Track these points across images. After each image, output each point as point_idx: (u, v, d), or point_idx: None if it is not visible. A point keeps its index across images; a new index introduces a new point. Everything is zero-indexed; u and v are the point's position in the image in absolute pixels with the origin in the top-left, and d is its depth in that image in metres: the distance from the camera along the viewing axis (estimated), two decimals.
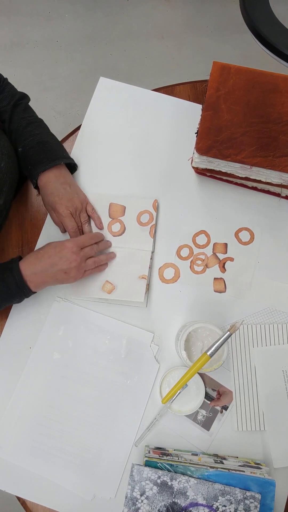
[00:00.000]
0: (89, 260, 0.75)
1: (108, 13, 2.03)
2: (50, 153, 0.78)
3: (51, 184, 0.77)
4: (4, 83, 0.81)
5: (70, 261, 0.71)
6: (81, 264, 0.72)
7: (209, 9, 2.05)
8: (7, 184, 0.74)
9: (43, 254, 0.72)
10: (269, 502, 0.65)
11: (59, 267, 0.70)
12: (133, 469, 0.67)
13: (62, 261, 0.71)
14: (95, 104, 0.91)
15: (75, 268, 0.71)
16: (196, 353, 0.72)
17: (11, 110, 0.79)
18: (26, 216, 0.85)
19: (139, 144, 0.88)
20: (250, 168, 0.74)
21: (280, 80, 0.74)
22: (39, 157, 0.77)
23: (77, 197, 0.80)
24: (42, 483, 0.72)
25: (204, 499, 0.65)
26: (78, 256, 0.72)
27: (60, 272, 0.71)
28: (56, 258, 0.71)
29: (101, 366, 0.76)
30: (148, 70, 1.96)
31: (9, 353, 0.77)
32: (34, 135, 0.78)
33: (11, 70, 1.92)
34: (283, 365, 0.75)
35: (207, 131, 0.73)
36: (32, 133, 0.78)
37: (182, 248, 0.82)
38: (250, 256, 0.81)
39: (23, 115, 0.80)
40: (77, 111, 1.87)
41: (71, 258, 0.71)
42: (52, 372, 0.76)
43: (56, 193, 0.77)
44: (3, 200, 0.74)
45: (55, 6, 2.03)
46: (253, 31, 0.98)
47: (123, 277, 0.79)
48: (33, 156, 0.77)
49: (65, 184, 0.78)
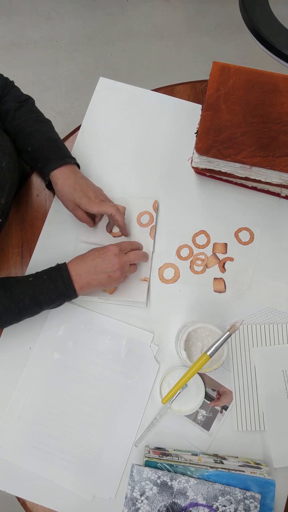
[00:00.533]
0: (132, 266, 0.75)
1: (108, 13, 2.03)
2: (60, 150, 0.78)
3: (70, 180, 0.76)
4: (9, 86, 0.81)
5: (113, 263, 0.71)
6: (124, 267, 0.72)
7: (209, 9, 2.05)
8: (9, 183, 0.74)
9: (88, 256, 0.72)
10: (269, 502, 0.65)
11: (103, 269, 0.71)
12: (133, 469, 0.67)
13: (106, 263, 0.71)
14: (95, 104, 0.91)
15: (118, 271, 0.71)
16: (196, 353, 0.72)
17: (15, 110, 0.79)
18: (26, 216, 0.85)
19: (139, 144, 0.88)
20: (250, 168, 0.74)
21: (280, 80, 0.74)
22: (49, 155, 0.76)
23: (99, 189, 0.79)
24: (42, 483, 0.72)
25: (204, 499, 0.65)
26: (121, 259, 0.72)
27: (104, 275, 0.71)
28: (99, 260, 0.71)
29: (101, 366, 0.76)
30: (148, 70, 1.96)
31: (9, 353, 0.77)
32: (43, 133, 0.78)
33: (11, 70, 1.92)
34: (283, 365, 0.75)
35: (207, 131, 0.73)
36: (40, 131, 0.78)
37: (182, 248, 0.82)
38: (250, 256, 0.81)
39: (30, 115, 0.79)
40: (77, 111, 1.87)
41: (113, 260, 0.71)
42: (52, 372, 0.76)
43: (79, 187, 0.75)
44: (5, 199, 0.74)
45: (55, 6, 2.03)
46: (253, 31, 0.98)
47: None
48: (44, 153, 0.76)
49: (85, 178, 0.78)
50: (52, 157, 0.76)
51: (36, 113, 0.81)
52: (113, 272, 0.71)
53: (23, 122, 0.78)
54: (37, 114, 0.81)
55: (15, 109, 0.79)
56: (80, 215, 0.78)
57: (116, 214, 0.75)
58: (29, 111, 0.80)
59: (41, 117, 0.81)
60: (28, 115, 0.79)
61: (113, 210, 0.75)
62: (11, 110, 0.79)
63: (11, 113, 0.79)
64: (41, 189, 0.86)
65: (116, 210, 0.75)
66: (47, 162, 0.76)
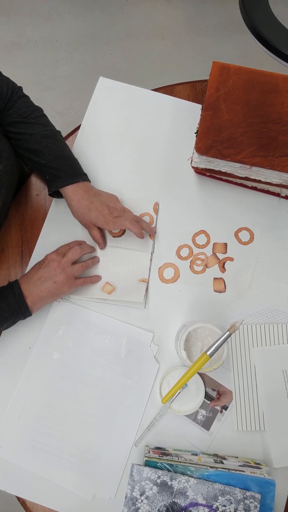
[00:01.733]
0: (76, 265, 0.75)
1: (108, 13, 2.03)
2: (70, 167, 0.77)
3: (84, 200, 0.75)
4: (17, 95, 0.77)
5: (53, 268, 0.72)
6: (65, 269, 0.73)
7: (209, 9, 2.05)
8: (5, 186, 0.74)
9: (31, 270, 0.74)
10: (269, 502, 0.65)
11: (46, 277, 0.72)
12: (133, 469, 0.67)
13: (47, 271, 0.72)
14: (94, 104, 0.91)
15: (61, 274, 0.72)
16: (196, 353, 0.72)
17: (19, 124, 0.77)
18: (25, 216, 0.85)
19: (139, 144, 0.88)
20: (250, 168, 0.74)
21: (280, 80, 0.74)
22: (59, 173, 0.76)
23: (113, 201, 0.79)
24: (42, 483, 0.72)
25: (204, 499, 0.65)
26: (60, 262, 0.73)
27: (49, 282, 0.71)
28: (41, 270, 0.72)
29: (101, 366, 0.76)
30: (147, 70, 1.96)
31: (9, 353, 0.77)
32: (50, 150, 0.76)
33: (11, 70, 1.92)
34: (283, 365, 0.75)
35: (206, 131, 0.73)
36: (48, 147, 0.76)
37: (182, 248, 0.82)
38: (250, 256, 0.81)
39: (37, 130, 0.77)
40: (77, 111, 1.87)
41: (53, 265, 0.72)
42: (52, 372, 0.76)
43: (93, 206, 0.75)
44: (1, 202, 0.74)
45: (55, 6, 2.03)
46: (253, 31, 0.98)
47: (123, 279, 0.79)
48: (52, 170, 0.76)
49: (97, 195, 0.77)
50: (61, 175, 0.76)
51: (44, 127, 0.78)
52: (56, 276, 0.72)
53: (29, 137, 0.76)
54: (45, 128, 0.78)
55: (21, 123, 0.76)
56: (94, 234, 0.79)
57: (132, 227, 0.75)
58: (36, 126, 0.77)
59: (49, 131, 0.78)
60: (34, 130, 0.77)
61: (129, 224, 0.75)
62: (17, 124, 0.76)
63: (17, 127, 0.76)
64: (41, 189, 0.86)
65: (131, 223, 0.75)
66: (56, 178, 0.76)
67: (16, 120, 0.77)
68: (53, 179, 0.76)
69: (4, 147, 0.74)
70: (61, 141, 0.80)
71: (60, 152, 0.77)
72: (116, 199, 0.80)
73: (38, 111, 0.80)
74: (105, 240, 0.81)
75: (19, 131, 0.77)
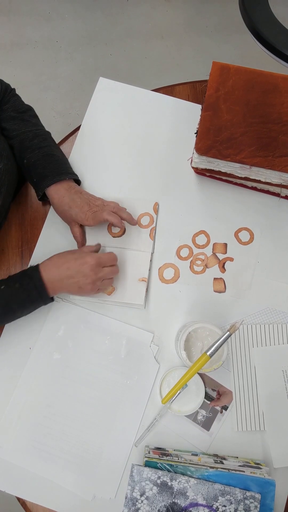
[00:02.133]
0: (106, 281, 0.74)
1: (108, 13, 2.03)
2: (57, 166, 0.77)
3: (65, 198, 0.76)
4: (10, 94, 0.80)
5: (86, 277, 0.69)
6: (96, 282, 0.71)
7: (209, 9, 2.05)
8: (5, 185, 0.74)
9: (63, 263, 0.70)
10: (269, 502, 0.65)
11: (75, 281, 0.69)
12: (133, 470, 0.67)
13: (79, 276, 0.69)
14: (94, 104, 0.91)
15: (90, 285, 0.70)
16: (196, 353, 0.72)
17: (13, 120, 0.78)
18: (25, 216, 0.85)
19: (139, 145, 0.88)
20: (250, 168, 0.74)
21: (279, 80, 0.74)
22: (45, 171, 0.76)
23: (93, 199, 0.79)
24: (42, 483, 0.72)
25: (204, 499, 0.65)
26: (96, 275, 0.70)
27: (75, 286, 0.70)
28: (74, 271, 0.69)
29: (101, 366, 0.76)
30: (148, 70, 1.96)
31: (9, 353, 0.77)
32: (40, 148, 0.77)
33: (11, 70, 1.92)
34: (283, 365, 0.75)
35: (206, 131, 0.73)
36: (38, 145, 0.77)
37: (182, 248, 0.82)
38: (249, 256, 0.81)
39: (29, 128, 0.79)
40: (77, 111, 1.87)
41: (88, 274, 0.69)
42: (52, 372, 0.76)
43: (74, 204, 0.76)
44: (1, 201, 0.74)
45: (55, 6, 2.03)
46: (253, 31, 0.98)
47: (123, 279, 0.79)
48: (39, 169, 0.76)
49: (78, 193, 0.77)
50: (47, 173, 0.76)
51: (35, 126, 0.80)
52: (85, 285, 0.70)
53: (21, 134, 0.78)
54: (36, 127, 0.80)
55: (14, 119, 0.78)
56: (75, 231, 0.79)
57: (109, 217, 0.74)
58: (28, 123, 0.79)
59: (41, 130, 0.81)
60: (26, 128, 0.78)
61: (106, 215, 0.74)
62: (10, 119, 0.78)
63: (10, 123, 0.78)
64: None
65: (108, 214, 0.74)
66: (42, 178, 0.76)
67: (12, 115, 0.78)
68: (39, 179, 0.76)
69: (4, 146, 0.74)
70: (52, 141, 0.81)
71: (49, 151, 0.78)
72: (97, 198, 0.80)
73: (31, 110, 0.82)
74: (85, 238, 0.81)
75: (13, 128, 0.78)
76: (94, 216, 0.75)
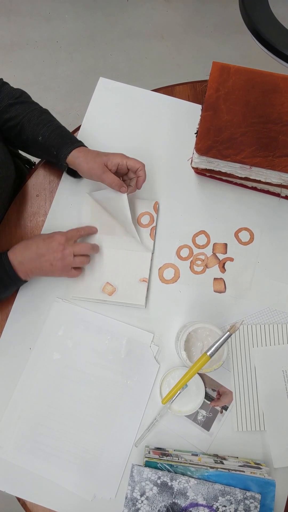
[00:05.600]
0: (77, 258, 0.74)
1: (108, 13, 2.03)
2: (70, 136, 0.79)
3: (91, 152, 0.77)
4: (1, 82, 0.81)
5: (56, 252, 0.71)
6: (66, 258, 0.72)
7: (209, 9, 2.05)
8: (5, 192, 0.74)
9: (32, 243, 0.72)
10: (269, 502, 0.65)
11: (46, 258, 0.71)
12: (133, 470, 0.67)
13: (49, 252, 0.71)
14: (95, 104, 0.91)
15: (60, 261, 0.71)
16: (196, 354, 0.72)
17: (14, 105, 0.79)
18: (26, 217, 0.85)
19: (139, 145, 0.88)
20: (250, 168, 0.74)
21: (280, 80, 0.74)
22: (64, 139, 0.77)
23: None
24: (42, 483, 0.72)
25: (204, 500, 0.65)
26: (65, 249, 0.72)
27: (46, 263, 0.71)
28: (43, 249, 0.71)
29: (101, 366, 0.76)
30: (148, 70, 1.96)
31: (9, 353, 0.77)
32: (50, 121, 0.79)
33: (11, 70, 1.92)
34: (283, 365, 0.75)
35: (206, 131, 0.74)
36: (48, 119, 0.79)
37: (182, 248, 0.82)
38: (250, 256, 0.81)
39: (32, 107, 0.80)
40: (77, 111, 1.87)
41: (58, 249, 0.71)
42: (52, 372, 0.76)
43: (100, 153, 0.76)
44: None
45: (55, 6, 2.03)
46: (253, 31, 0.98)
47: (123, 279, 0.79)
48: (57, 139, 0.77)
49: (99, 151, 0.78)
50: (66, 141, 0.77)
51: (36, 105, 0.82)
52: (56, 261, 0.71)
53: (28, 114, 0.78)
54: (36, 105, 0.82)
55: (15, 104, 0.79)
56: (110, 178, 0.76)
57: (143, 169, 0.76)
58: (30, 103, 0.81)
59: (41, 107, 0.82)
60: (30, 107, 0.79)
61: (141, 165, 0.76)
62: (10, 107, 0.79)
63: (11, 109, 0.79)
64: (41, 189, 0.86)
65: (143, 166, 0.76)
66: (62, 146, 0.76)
67: (10, 102, 0.79)
68: (59, 147, 0.77)
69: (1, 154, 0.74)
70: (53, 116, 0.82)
71: (58, 124, 0.80)
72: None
73: (24, 93, 0.83)
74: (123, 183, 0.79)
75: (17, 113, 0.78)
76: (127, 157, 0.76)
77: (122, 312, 0.78)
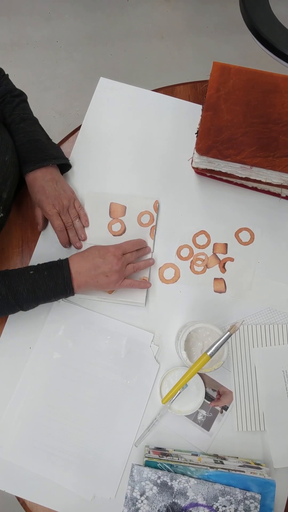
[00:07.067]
0: (129, 266, 0.75)
1: (108, 13, 2.03)
2: (40, 152, 0.77)
3: (37, 181, 0.77)
4: (3, 78, 0.81)
5: (112, 264, 0.71)
6: (122, 268, 0.73)
7: (209, 9, 2.05)
8: (11, 178, 0.74)
9: (88, 254, 0.73)
10: (269, 502, 0.65)
11: (102, 270, 0.71)
12: (133, 469, 0.67)
13: (105, 264, 0.71)
14: (95, 104, 0.91)
15: (116, 272, 0.72)
16: (196, 353, 0.72)
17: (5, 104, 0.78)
18: (26, 216, 0.85)
19: (139, 145, 0.88)
20: (250, 169, 0.74)
21: (280, 80, 0.74)
22: (28, 156, 0.76)
23: (64, 194, 0.79)
24: (42, 483, 0.72)
25: (204, 500, 0.65)
26: (120, 261, 0.72)
27: (102, 275, 0.71)
28: (99, 260, 0.72)
29: (101, 366, 0.76)
30: (148, 70, 1.95)
31: (9, 353, 0.77)
32: (26, 132, 0.78)
33: (11, 70, 1.90)
34: (283, 365, 0.75)
35: (207, 131, 0.74)
36: (24, 130, 0.78)
37: (182, 248, 0.82)
38: (250, 256, 0.81)
39: (18, 111, 0.79)
40: (77, 111, 1.87)
41: (113, 261, 0.72)
42: (52, 372, 0.76)
43: (42, 191, 0.76)
44: (7, 194, 0.74)
45: (55, 6, 2.03)
46: (253, 31, 0.98)
47: None
48: (23, 153, 0.76)
49: (52, 181, 0.77)
50: (31, 158, 0.76)
51: (23, 110, 0.80)
52: (111, 273, 0.71)
53: (10, 117, 0.78)
54: (24, 112, 0.80)
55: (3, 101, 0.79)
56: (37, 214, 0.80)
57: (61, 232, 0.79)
58: (18, 107, 0.80)
59: (29, 115, 0.81)
60: (15, 111, 0.79)
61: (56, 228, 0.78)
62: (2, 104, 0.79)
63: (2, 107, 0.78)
64: None
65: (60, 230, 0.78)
66: (25, 163, 0.76)
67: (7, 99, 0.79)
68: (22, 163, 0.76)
69: (9, 139, 0.74)
70: (39, 127, 0.81)
71: (34, 136, 0.78)
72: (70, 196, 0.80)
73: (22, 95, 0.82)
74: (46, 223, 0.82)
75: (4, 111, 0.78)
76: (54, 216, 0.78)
77: (122, 312, 0.78)
